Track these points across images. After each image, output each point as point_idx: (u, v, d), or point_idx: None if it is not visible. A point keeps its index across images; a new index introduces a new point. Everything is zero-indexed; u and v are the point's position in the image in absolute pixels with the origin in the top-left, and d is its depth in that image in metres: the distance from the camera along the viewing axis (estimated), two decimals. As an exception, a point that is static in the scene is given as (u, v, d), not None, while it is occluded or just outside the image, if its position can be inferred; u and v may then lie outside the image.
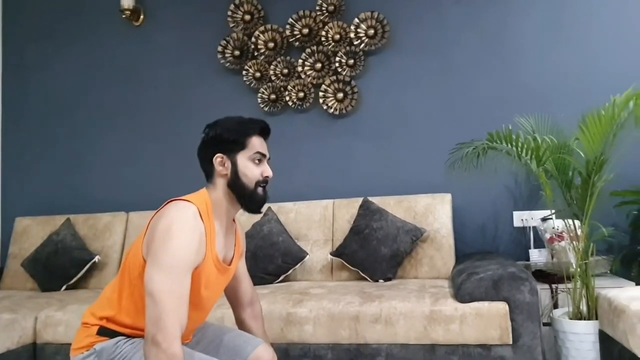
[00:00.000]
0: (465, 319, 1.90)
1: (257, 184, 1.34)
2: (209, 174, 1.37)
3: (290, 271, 2.63)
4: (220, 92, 3.20)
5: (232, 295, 1.56)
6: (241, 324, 1.57)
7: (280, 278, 2.61)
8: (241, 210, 1.40)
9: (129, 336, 1.31)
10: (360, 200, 2.74)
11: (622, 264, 2.51)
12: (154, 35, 3.33)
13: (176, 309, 1.15)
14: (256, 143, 1.36)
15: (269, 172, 1.37)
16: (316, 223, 2.79)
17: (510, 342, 1.88)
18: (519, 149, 2.15)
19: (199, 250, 1.24)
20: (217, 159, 1.33)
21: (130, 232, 3.00)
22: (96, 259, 2.87)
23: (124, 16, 3.25)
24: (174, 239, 1.19)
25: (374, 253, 2.49)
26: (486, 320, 1.89)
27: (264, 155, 1.37)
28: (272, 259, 2.59)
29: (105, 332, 1.30)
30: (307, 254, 2.65)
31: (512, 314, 1.89)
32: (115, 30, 3.37)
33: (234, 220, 1.46)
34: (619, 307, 1.69)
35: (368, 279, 2.51)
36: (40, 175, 3.45)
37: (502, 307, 1.89)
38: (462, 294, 1.94)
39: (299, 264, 2.64)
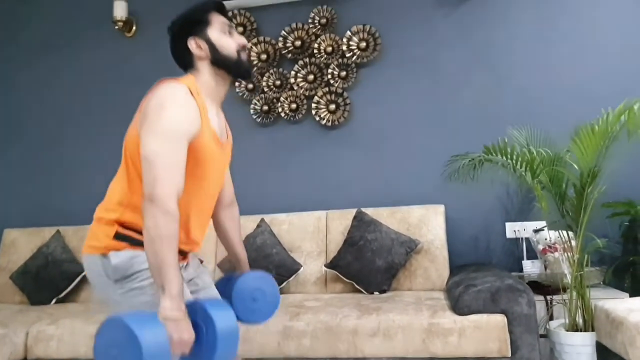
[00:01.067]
0: (464, 332, 1.89)
1: (238, 51, 1.36)
2: (188, 64, 1.37)
3: (285, 283, 2.60)
4: (212, 103, 3.17)
5: None
6: (218, 226, 1.56)
7: (275, 291, 2.57)
8: None
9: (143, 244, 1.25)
10: (353, 211, 2.73)
11: (615, 274, 2.53)
12: (146, 47, 3.30)
13: (172, 172, 1.16)
14: (218, 16, 1.38)
15: (243, 40, 1.39)
16: (310, 234, 2.77)
17: (509, 355, 1.88)
18: (514, 161, 2.16)
19: (194, 120, 1.24)
20: (192, 43, 1.35)
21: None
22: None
23: (116, 27, 3.22)
24: (167, 109, 1.20)
25: (369, 265, 2.47)
26: (485, 332, 1.89)
27: (230, 26, 1.40)
28: (266, 271, 2.55)
29: (123, 237, 1.26)
30: (301, 266, 2.62)
31: (510, 326, 1.89)
32: (108, 41, 3.34)
33: (222, 112, 1.45)
34: (617, 319, 1.69)
35: (363, 291, 2.50)
36: (28, 186, 3.38)
37: (500, 319, 1.89)
38: (460, 307, 1.94)
39: (293, 277, 2.61)
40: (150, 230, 1.12)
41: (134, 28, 3.32)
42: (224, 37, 1.35)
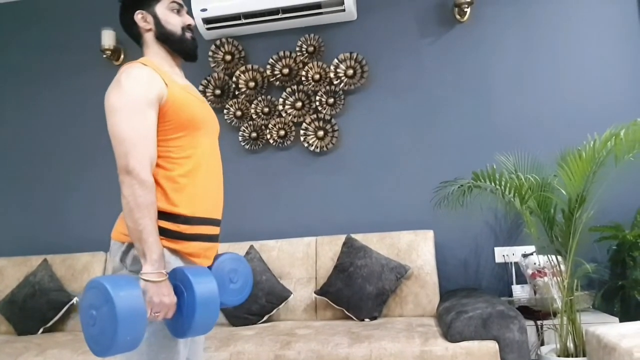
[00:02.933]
0: (456, 359, 1.87)
1: (183, 29, 1.40)
2: (137, 36, 1.41)
3: (275, 311, 2.56)
4: (200, 130, 3.18)
5: None
6: None
7: (264, 318, 2.54)
8: None
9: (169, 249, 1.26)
10: (343, 237, 2.73)
11: (604, 298, 2.54)
12: (133, 74, 3.31)
13: (142, 143, 1.20)
14: None
15: (189, 19, 1.42)
16: (299, 261, 2.75)
17: (502, 382, 1.86)
18: (503, 187, 2.19)
19: (153, 83, 1.26)
20: (138, 15, 1.38)
21: (110, 272, 2.89)
22: (74, 300, 2.77)
23: (104, 56, 3.23)
24: (123, 83, 1.23)
25: (359, 291, 2.45)
26: (476, 359, 1.87)
27: (181, 5, 1.43)
28: (256, 299, 2.52)
29: None
30: (291, 293, 2.59)
31: (502, 352, 1.88)
32: (96, 70, 3.34)
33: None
34: (609, 345, 1.69)
35: (354, 318, 2.47)
36: (15, 214, 3.33)
37: (492, 346, 1.88)
38: (452, 333, 1.92)
39: (283, 304, 2.57)
40: (130, 201, 1.17)
41: (122, 57, 3.33)
42: (171, 14, 1.40)
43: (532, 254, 2.63)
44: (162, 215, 1.24)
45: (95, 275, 2.90)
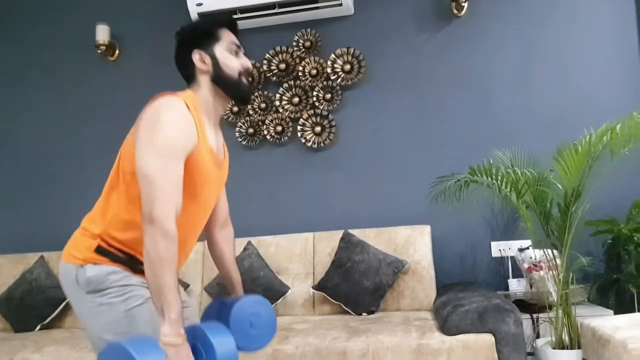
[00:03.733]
0: (453, 352, 1.89)
1: (240, 73, 1.34)
2: (190, 76, 1.35)
3: (272, 306, 2.56)
4: (197, 125, 3.17)
5: None
6: (213, 245, 1.53)
7: (262, 315, 2.54)
8: None
9: (128, 265, 1.23)
10: (340, 233, 2.73)
11: (599, 292, 2.56)
12: (130, 71, 3.30)
13: (170, 191, 1.13)
14: (229, 34, 1.36)
15: (248, 63, 1.37)
16: (297, 256, 2.76)
17: (498, 374, 1.88)
18: (499, 182, 2.20)
19: (190, 134, 1.21)
20: (196, 55, 1.32)
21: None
22: (70, 297, 2.75)
23: (99, 51, 3.22)
24: (163, 122, 1.17)
25: (357, 286, 2.47)
26: (473, 352, 1.89)
27: (239, 47, 1.37)
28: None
29: (103, 252, 1.23)
30: (289, 288, 2.60)
31: (498, 345, 1.90)
32: (91, 65, 3.33)
33: (220, 130, 1.43)
34: (604, 337, 1.71)
35: (351, 312, 2.48)
36: (11, 211, 3.32)
37: (488, 339, 1.90)
38: (448, 327, 1.94)
39: (280, 299, 2.58)
40: (150, 253, 1.10)
41: (117, 52, 3.32)
42: (230, 56, 1.33)
43: (528, 248, 2.65)
44: (112, 244, 1.23)
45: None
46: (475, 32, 2.96)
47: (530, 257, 2.61)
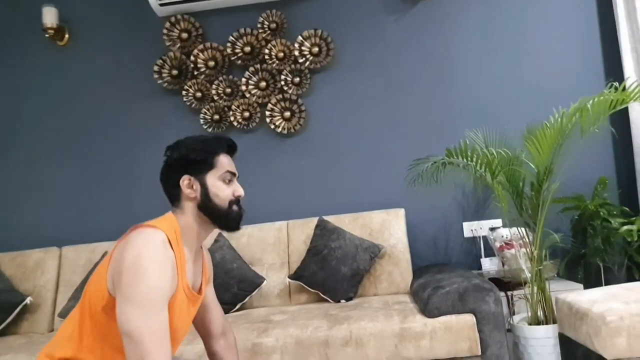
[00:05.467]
0: (435, 334, 1.89)
1: (231, 203, 1.26)
2: (174, 197, 1.26)
3: (247, 299, 2.50)
4: (159, 113, 3.03)
5: (201, 325, 1.43)
6: (213, 357, 1.44)
7: (237, 307, 2.48)
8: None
9: None
10: (315, 220, 2.68)
11: (567, 267, 2.63)
12: (81, 56, 3.10)
13: (159, 346, 1.04)
14: (225, 161, 1.28)
15: (240, 191, 1.29)
16: (271, 246, 2.69)
17: (479, 353, 1.89)
18: (475, 162, 2.20)
19: (172, 279, 1.13)
20: (185, 181, 1.23)
21: (65, 268, 2.73)
22: (27, 300, 2.58)
23: (47, 35, 3.00)
24: (146, 272, 1.07)
25: (335, 273, 2.43)
26: (455, 333, 1.89)
27: (234, 175, 1.29)
28: (228, 287, 2.45)
29: None
30: (264, 279, 2.54)
31: (479, 324, 1.91)
32: (38, 50, 3.11)
33: (201, 252, 1.35)
34: (580, 311, 1.74)
35: (329, 300, 2.45)
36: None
37: (469, 319, 1.90)
38: (430, 309, 1.93)
39: (255, 291, 2.52)
40: None
41: (67, 36, 3.10)
42: (221, 185, 1.25)
43: (499, 227, 2.69)
44: None
45: (49, 272, 2.71)
46: (442, 14, 2.95)
47: (502, 236, 2.66)
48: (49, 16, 2.96)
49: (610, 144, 2.81)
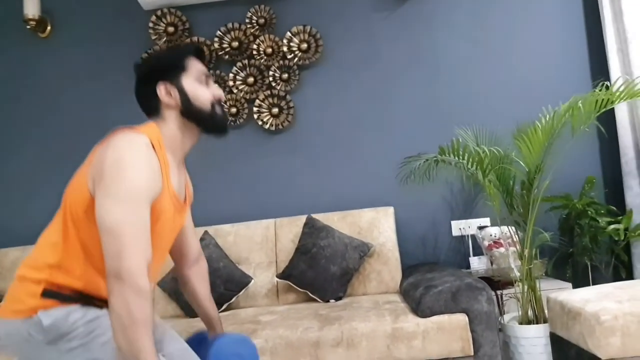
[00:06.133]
0: (428, 334, 1.87)
1: (213, 104, 1.22)
2: (153, 110, 1.21)
3: (234, 299, 2.45)
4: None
5: (177, 249, 1.39)
6: (185, 285, 1.42)
7: (224, 307, 2.42)
8: None
9: (81, 302, 1.10)
10: (303, 218, 2.64)
11: (556, 266, 2.64)
12: (64, 49, 3.00)
13: (139, 242, 1.01)
14: (197, 63, 1.24)
15: (219, 92, 1.26)
16: (258, 245, 2.64)
17: (472, 353, 1.88)
18: (466, 160, 2.18)
19: (156, 180, 1.10)
20: (162, 89, 1.19)
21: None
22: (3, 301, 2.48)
23: (28, 27, 2.90)
24: (128, 168, 1.04)
25: (324, 272, 2.39)
26: (448, 333, 1.87)
27: (208, 76, 1.25)
28: (214, 287, 2.37)
29: (52, 294, 1.08)
30: (252, 278, 2.49)
31: (472, 324, 1.89)
32: (19, 42, 3.00)
33: (184, 166, 1.32)
34: (573, 310, 1.74)
35: (318, 299, 2.41)
36: None
37: (462, 318, 1.88)
38: (422, 309, 1.91)
39: (242, 291, 2.46)
40: (122, 315, 0.96)
41: (49, 28, 3.00)
42: (200, 86, 1.20)
43: (487, 226, 2.69)
44: (59, 270, 1.09)
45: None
46: (430, 11, 2.93)
47: (491, 235, 2.65)
48: (31, 7, 2.86)
49: (596, 144, 2.83)
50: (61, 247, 1.10)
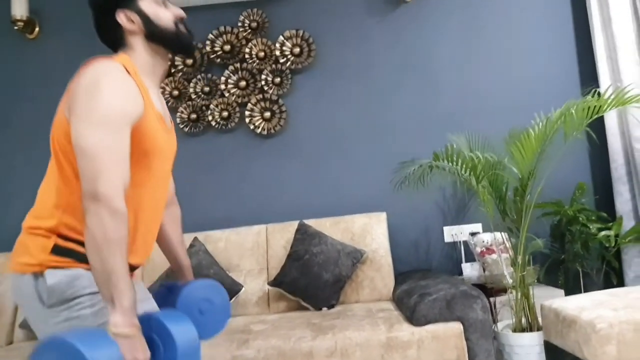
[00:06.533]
0: (423, 343, 1.85)
1: (176, 23, 1.20)
2: (118, 41, 1.18)
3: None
4: (132, 112, 2.90)
5: None
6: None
7: (214, 315, 2.37)
8: None
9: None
10: (295, 224, 2.61)
11: (547, 272, 2.64)
12: (52, 50, 2.94)
13: (116, 164, 0.99)
14: None
15: (180, 11, 1.22)
16: (249, 251, 2.60)
17: (467, 362, 1.86)
18: (460, 166, 2.17)
19: (136, 100, 1.06)
20: (121, 16, 1.16)
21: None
22: (-14, 311, 2.41)
23: (16, 27, 2.83)
24: (103, 92, 1.01)
25: (316, 280, 2.36)
26: (442, 342, 1.85)
27: None
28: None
29: (62, 251, 1.05)
30: (242, 286, 2.45)
31: (467, 333, 1.88)
32: (6, 43, 2.93)
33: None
34: (568, 318, 1.73)
35: (310, 307, 2.37)
36: None
37: (457, 327, 1.87)
38: (417, 317, 1.89)
39: (233, 298, 2.42)
40: (96, 234, 0.95)
41: (37, 29, 2.94)
42: (159, 7, 1.18)
43: (479, 232, 2.68)
44: (70, 237, 1.05)
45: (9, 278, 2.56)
46: (423, 17, 2.92)
47: (483, 241, 2.64)
48: (19, 7, 2.80)
49: (586, 150, 2.85)
50: (62, 187, 1.08)
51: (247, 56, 2.86)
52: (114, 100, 1.01)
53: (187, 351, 0.99)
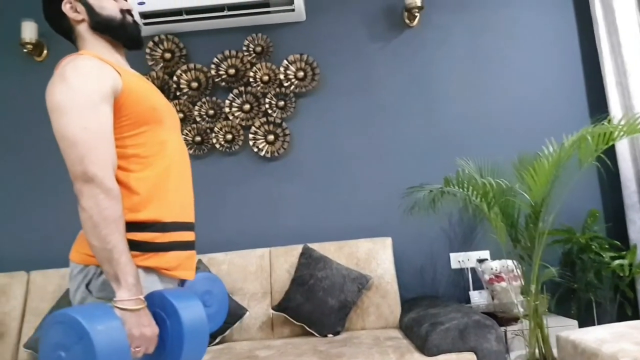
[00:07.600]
0: (434, 375, 1.76)
1: (122, 12, 1.20)
2: (68, 31, 1.20)
3: (228, 331, 2.33)
4: (136, 133, 2.87)
5: None
6: None
7: (217, 340, 2.30)
8: None
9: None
10: (298, 247, 2.55)
11: (558, 302, 2.56)
12: (57, 71, 2.94)
13: (100, 144, 0.99)
14: None
15: (126, 3, 1.22)
16: (252, 275, 2.53)
17: (480, 395, 1.77)
18: (470, 193, 2.13)
19: (106, 74, 1.05)
20: (67, 6, 1.17)
21: (33, 295, 2.50)
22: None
23: (25, 50, 2.84)
24: (69, 77, 1.02)
25: (322, 305, 2.29)
26: (455, 373, 1.77)
27: None
28: (206, 321, 2.27)
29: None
30: (247, 310, 2.37)
31: (480, 364, 1.79)
32: (15, 65, 2.94)
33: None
34: (588, 351, 1.65)
35: (315, 334, 2.29)
36: None
37: (470, 358, 1.79)
38: (429, 347, 1.81)
39: (237, 323, 2.34)
40: (93, 214, 0.96)
41: (45, 52, 2.95)
42: None
43: (486, 259, 2.62)
44: (128, 226, 1.02)
45: (15, 299, 2.49)
46: (428, 42, 2.93)
47: (491, 269, 2.58)
48: (28, 31, 2.82)
49: (596, 177, 2.81)
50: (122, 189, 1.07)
51: (251, 80, 2.85)
52: (83, 83, 1.02)
53: (194, 327, 0.97)
